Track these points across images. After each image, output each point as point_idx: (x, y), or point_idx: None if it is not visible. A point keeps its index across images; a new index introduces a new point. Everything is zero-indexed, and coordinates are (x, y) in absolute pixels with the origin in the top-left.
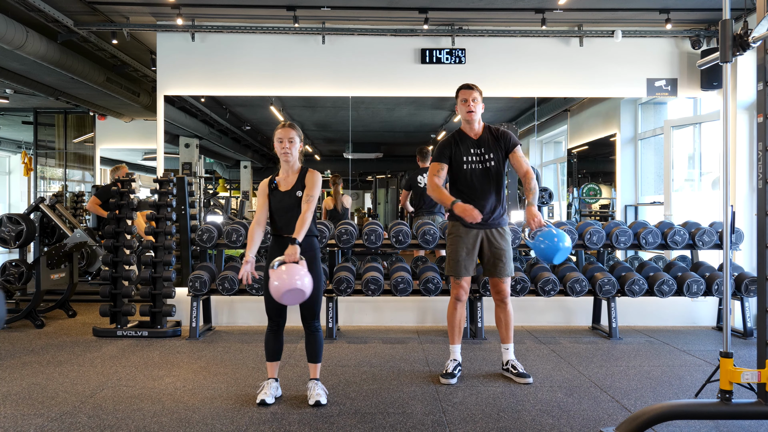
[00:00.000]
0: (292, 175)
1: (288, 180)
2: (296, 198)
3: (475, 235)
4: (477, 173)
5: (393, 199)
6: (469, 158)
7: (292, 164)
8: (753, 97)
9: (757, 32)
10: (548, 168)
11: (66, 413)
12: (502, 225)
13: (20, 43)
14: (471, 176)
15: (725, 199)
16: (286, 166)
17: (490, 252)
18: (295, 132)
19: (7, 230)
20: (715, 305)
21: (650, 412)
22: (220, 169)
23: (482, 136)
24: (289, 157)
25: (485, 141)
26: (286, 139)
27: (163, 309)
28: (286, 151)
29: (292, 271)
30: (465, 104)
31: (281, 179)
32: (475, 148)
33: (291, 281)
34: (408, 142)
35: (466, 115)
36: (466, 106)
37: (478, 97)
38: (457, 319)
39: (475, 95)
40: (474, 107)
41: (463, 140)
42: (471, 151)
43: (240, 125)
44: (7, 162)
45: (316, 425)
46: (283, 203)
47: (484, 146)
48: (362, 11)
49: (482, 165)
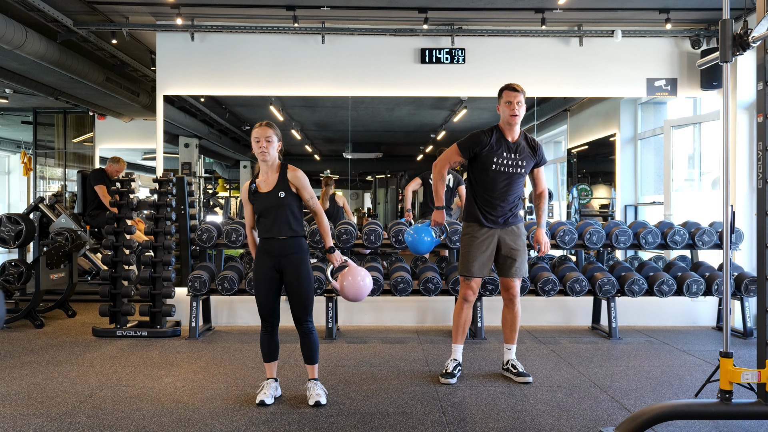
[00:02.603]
0: (272, 174)
1: (268, 180)
2: (279, 198)
3: (491, 236)
4: (504, 176)
5: (393, 199)
6: (500, 160)
7: (271, 164)
8: (753, 96)
9: (757, 32)
10: (548, 168)
11: (65, 413)
12: (517, 224)
13: (20, 42)
14: (496, 177)
15: (725, 199)
16: (264, 167)
17: (506, 253)
18: (273, 131)
19: (6, 230)
20: (715, 305)
21: (650, 412)
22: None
23: (518, 141)
24: (267, 156)
25: (522, 147)
26: (263, 138)
27: (163, 309)
28: (263, 150)
29: (357, 271)
30: (509, 107)
31: (261, 181)
32: (510, 152)
33: (365, 280)
34: (408, 142)
35: (510, 118)
36: (511, 109)
37: (522, 100)
38: (462, 319)
39: (520, 98)
40: (518, 110)
41: (500, 140)
42: (505, 155)
43: (240, 125)
44: (6, 162)
45: (316, 425)
46: (266, 204)
47: (519, 152)
48: (362, 11)
49: (512, 169)
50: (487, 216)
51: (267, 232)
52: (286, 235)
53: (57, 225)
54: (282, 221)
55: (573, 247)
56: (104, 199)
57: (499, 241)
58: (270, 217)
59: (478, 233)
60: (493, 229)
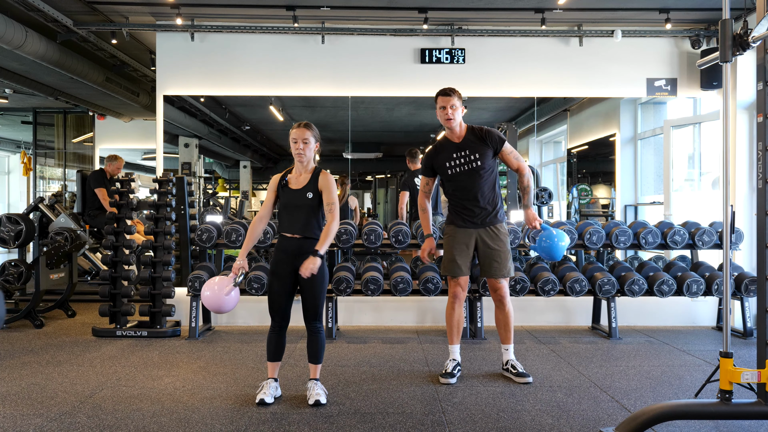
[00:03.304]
0: (304, 174)
1: (300, 179)
2: (305, 198)
3: (469, 235)
4: (463, 176)
5: (392, 198)
6: (451, 163)
7: (306, 164)
8: (753, 96)
9: (757, 32)
10: (548, 168)
11: (65, 413)
12: (495, 224)
13: (19, 42)
14: (457, 179)
15: (725, 199)
16: (299, 166)
17: (484, 252)
18: (310, 132)
19: (6, 230)
20: (715, 305)
21: (650, 412)
22: (219, 168)
23: (465, 137)
24: (303, 158)
25: (469, 142)
26: (300, 139)
27: (163, 309)
28: (300, 151)
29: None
30: (443, 111)
31: (293, 177)
32: (458, 151)
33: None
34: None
35: (445, 122)
36: (444, 114)
37: (456, 102)
38: (455, 318)
39: (453, 101)
40: (452, 114)
41: (445, 147)
42: (453, 156)
43: (239, 125)
44: (6, 162)
45: (316, 425)
46: (291, 201)
47: (467, 148)
48: (362, 11)
49: (467, 166)
50: (463, 217)
51: (287, 228)
52: (305, 234)
53: (57, 225)
54: (304, 220)
55: (573, 247)
56: (104, 203)
57: (477, 241)
58: (292, 214)
59: (456, 233)
60: (469, 229)
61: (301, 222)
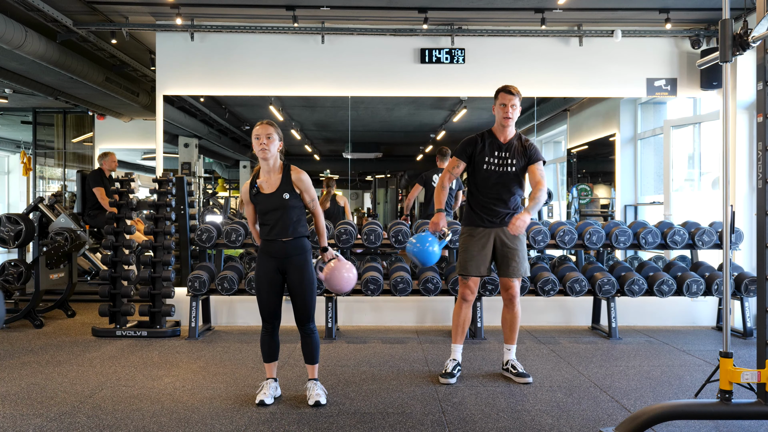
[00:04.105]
0: (274, 175)
1: (270, 181)
2: (283, 200)
3: (488, 235)
4: (495, 175)
5: (392, 198)
6: (491, 159)
7: (272, 163)
8: (753, 96)
9: (757, 32)
10: (548, 168)
11: (65, 413)
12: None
13: (19, 42)
14: (488, 177)
15: (725, 199)
16: (265, 166)
17: (502, 251)
18: (273, 129)
19: (6, 230)
20: (715, 305)
21: (650, 412)
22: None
23: (511, 141)
24: (267, 154)
25: (512, 147)
26: (263, 135)
27: (163, 309)
28: (264, 148)
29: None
30: (504, 109)
31: (263, 181)
32: (500, 151)
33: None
34: (407, 142)
35: (503, 120)
36: (505, 112)
37: (517, 103)
38: (461, 318)
39: (515, 102)
40: (512, 113)
41: (491, 141)
42: (495, 153)
43: (239, 125)
44: (6, 162)
45: (316, 425)
46: (269, 206)
47: (509, 151)
48: (361, 11)
49: (502, 168)
50: (483, 217)
51: (270, 234)
52: (291, 236)
53: (56, 225)
54: (286, 223)
55: (573, 247)
56: (103, 202)
57: (496, 240)
58: (273, 219)
59: (475, 232)
60: (489, 229)
61: (286, 224)
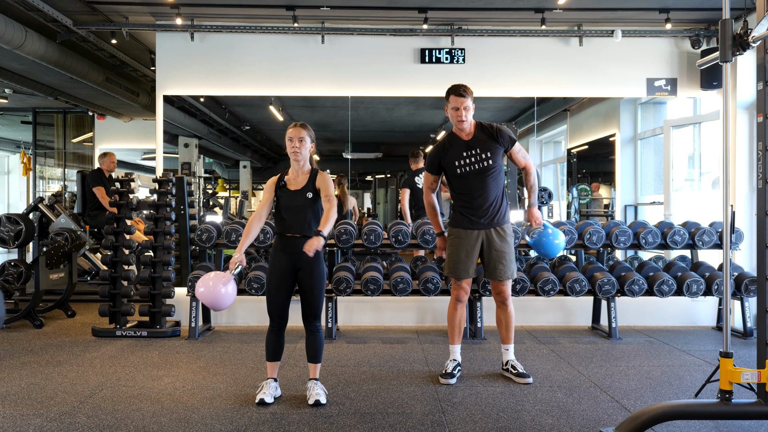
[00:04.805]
0: (302, 175)
1: (297, 180)
2: (306, 199)
3: (475, 237)
4: (472, 174)
5: (392, 198)
6: (461, 161)
7: (302, 164)
8: (753, 96)
9: (757, 32)
10: (548, 168)
11: (65, 413)
12: (502, 225)
13: (19, 42)
14: (465, 178)
15: (725, 199)
16: (296, 166)
17: (489, 254)
18: (306, 132)
19: (6, 230)
20: (715, 305)
21: (650, 412)
22: (219, 168)
23: (475, 135)
24: (299, 156)
25: (479, 140)
26: (296, 138)
27: (163, 309)
28: (296, 150)
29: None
30: (456, 113)
31: (290, 178)
32: (468, 149)
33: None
34: (407, 142)
35: (457, 124)
36: (457, 115)
37: (469, 104)
38: (457, 319)
39: (467, 103)
40: (465, 116)
41: (454, 144)
42: (463, 154)
43: (239, 125)
44: (6, 162)
45: (316, 425)
46: (292, 202)
47: (478, 146)
48: (362, 11)
49: (477, 165)
50: (470, 218)
51: (288, 229)
52: (307, 234)
53: (56, 225)
54: (305, 220)
55: (573, 247)
56: (103, 201)
57: (484, 243)
58: (293, 215)
59: (462, 235)
60: (476, 231)
61: (303, 221)
